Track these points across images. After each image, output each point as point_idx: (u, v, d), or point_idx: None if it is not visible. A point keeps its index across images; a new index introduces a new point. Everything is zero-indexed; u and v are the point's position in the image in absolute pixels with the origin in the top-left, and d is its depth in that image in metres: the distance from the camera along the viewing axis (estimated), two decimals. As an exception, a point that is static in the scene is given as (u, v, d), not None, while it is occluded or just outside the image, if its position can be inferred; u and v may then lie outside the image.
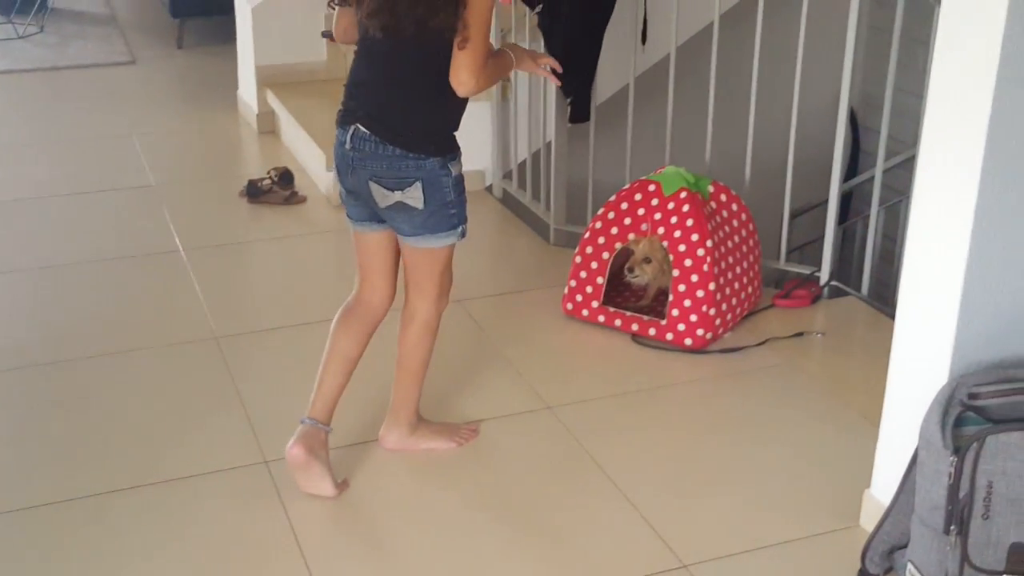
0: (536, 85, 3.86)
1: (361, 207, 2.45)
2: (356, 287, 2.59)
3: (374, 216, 2.44)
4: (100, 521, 2.39)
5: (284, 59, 4.74)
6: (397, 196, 2.36)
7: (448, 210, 2.40)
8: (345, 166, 2.42)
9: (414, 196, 2.35)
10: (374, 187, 2.37)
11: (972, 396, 2.02)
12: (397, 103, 2.37)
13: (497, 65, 2.38)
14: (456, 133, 2.44)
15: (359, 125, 2.36)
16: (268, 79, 4.74)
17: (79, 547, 2.31)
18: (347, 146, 2.39)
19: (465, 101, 2.38)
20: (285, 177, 4.08)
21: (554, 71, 2.53)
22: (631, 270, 3.10)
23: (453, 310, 3.24)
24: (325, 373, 2.52)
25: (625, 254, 3.13)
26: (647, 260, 3.08)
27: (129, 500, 2.45)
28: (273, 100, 4.67)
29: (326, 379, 2.51)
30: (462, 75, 2.22)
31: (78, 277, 3.48)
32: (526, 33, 3.81)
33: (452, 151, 2.41)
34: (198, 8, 5.85)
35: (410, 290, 2.52)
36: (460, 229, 2.45)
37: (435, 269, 2.48)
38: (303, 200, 4.06)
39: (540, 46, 3.59)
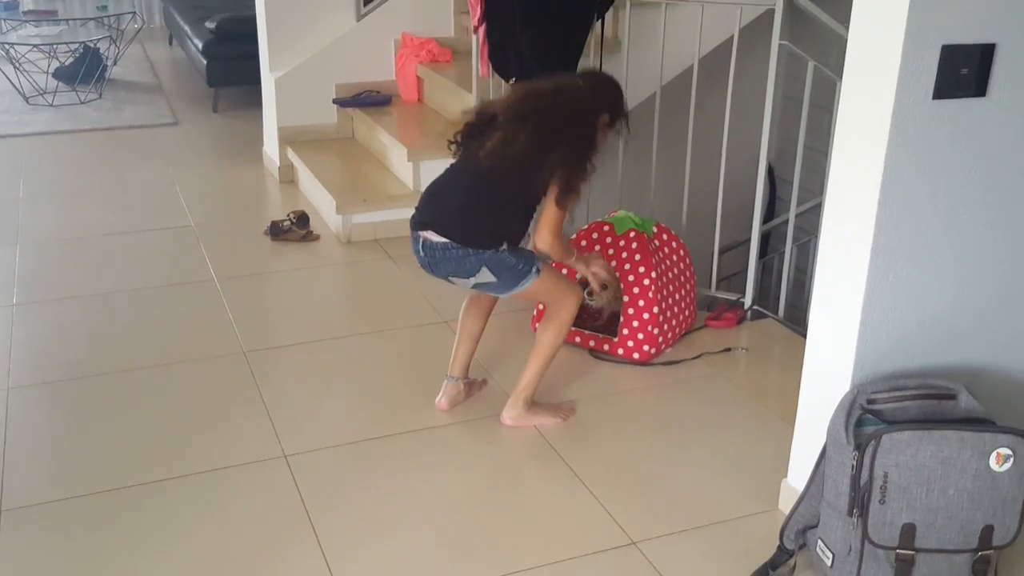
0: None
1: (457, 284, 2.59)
2: None
3: None
4: (146, 505, 2.36)
5: (301, 121, 4.74)
6: (473, 281, 2.49)
7: (516, 268, 2.48)
8: (424, 266, 2.57)
9: (486, 276, 2.46)
10: (455, 279, 2.52)
11: (870, 401, 2.03)
12: (470, 217, 2.47)
13: (564, 249, 2.58)
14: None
15: (428, 235, 2.49)
16: (288, 137, 4.74)
17: (129, 526, 2.29)
18: (421, 254, 2.54)
19: (520, 232, 2.53)
20: (302, 219, 4.07)
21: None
22: (590, 295, 3.09)
23: (442, 330, 3.26)
24: (458, 345, 2.77)
25: (584, 282, 3.12)
26: (604, 287, 3.07)
27: (170, 488, 2.43)
28: (292, 155, 4.66)
29: (459, 349, 2.77)
30: (543, 232, 2.45)
31: (128, 302, 3.46)
32: (502, 101, 3.81)
33: (500, 243, 2.46)
34: (230, 79, 5.86)
35: (547, 303, 2.66)
36: (533, 269, 2.50)
37: (546, 293, 2.60)
38: (317, 238, 4.05)
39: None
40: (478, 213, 2.49)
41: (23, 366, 3.00)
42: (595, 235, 3.11)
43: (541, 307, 3.17)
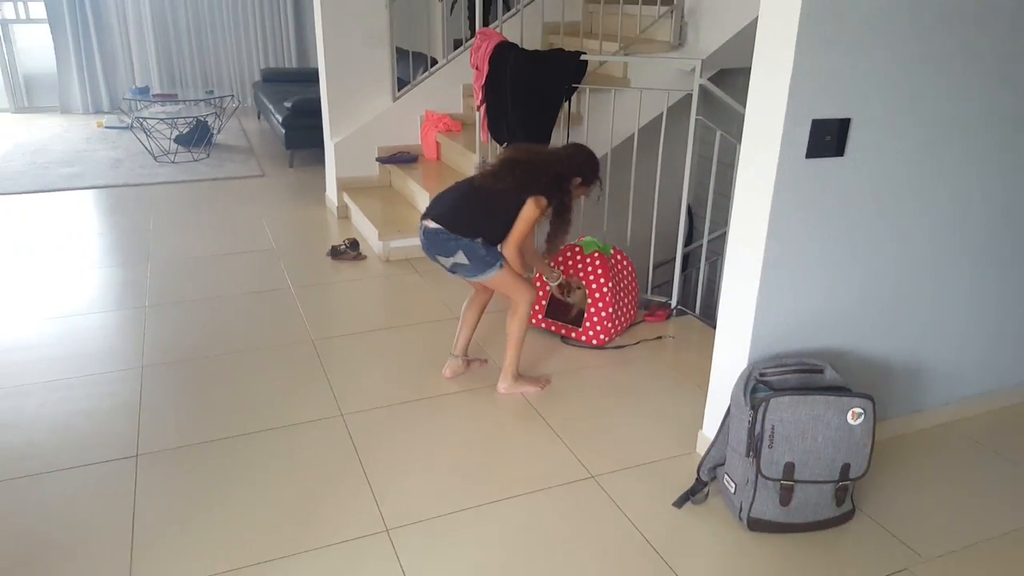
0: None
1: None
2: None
3: None
4: (241, 450, 2.34)
5: (353, 173, 4.72)
6: (451, 260, 2.41)
7: (484, 259, 2.40)
8: (424, 249, 2.47)
9: (461, 258, 2.39)
10: (440, 259, 2.43)
11: (762, 375, 2.02)
12: (458, 213, 2.40)
13: (521, 262, 2.45)
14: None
15: (428, 223, 2.41)
16: (344, 185, 4.71)
17: (229, 466, 2.27)
18: (422, 238, 2.45)
19: (494, 238, 2.41)
20: (354, 244, 4.05)
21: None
22: (568, 294, 3.10)
23: (452, 324, 3.24)
24: (460, 331, 2.75)
25: (564, 286, 3.12)
26: (576, 289, 3.09)
27: (258, 438, 2.41)
28: (347, 198, 4.64)
29: (460, 334, 2.75)
30: (508, 243, 2.36)
31: (226, 304, 3.44)
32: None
33: (478, 238, 2.40)
34: (302, 143, 5.83)
35: (507, 295, 2.52)
36: (498, 263, 2.42)
37: (507, 285, 2.47)
38: (365, 258, 4.03)
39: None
40: (465, 212, 2.42)
41: (153, 350, 2.97)
42: (568, 253, 3.10)
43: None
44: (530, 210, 2.37)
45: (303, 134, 5.73)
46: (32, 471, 2.24)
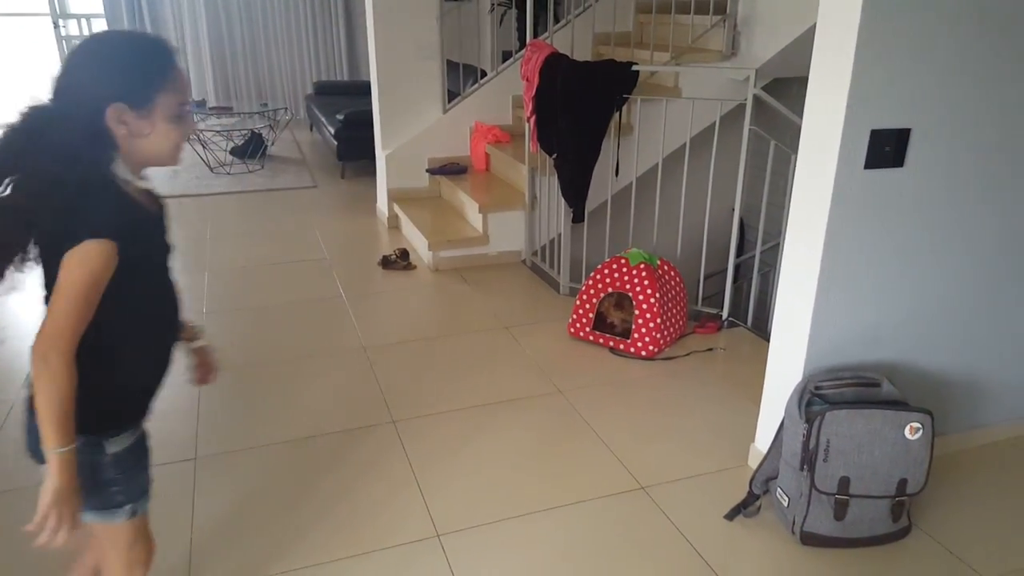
0: (552, 200, 3.89)
1: None
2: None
3: None
4: (296, 454, 2.41)
5: (403, 184, 4.80)
6: (45, 470, 1.20)
7: (108, 488, 1.31)
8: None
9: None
10: (31, 461, 1.27)
11: (817, 388, 2.01)
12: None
13: (56, 398, 1.15)
14: (143, 401, 1.39)
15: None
16: (394, 196, 4.80)
17: (284, 470, 2.33)
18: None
19: (134, 366, 1.31)
20: (404, 254, 4.11)
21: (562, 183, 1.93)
22: (614, 325, 3.08)
23: (502, 333, 3.28)
24: None
25: (605, 300, 3.14)
26: (618, 306, 3.10)
27: (311, 443, 2.48)
28: (397, 208, 4.72)
29: None
30: (38, 341, 1.15)
31: (280, 312, 3.52)
32: (547, 171, 3.85)
33: (108, 428, 1.29)
34: (354, 154, 5.95)
35: (101, 560, 1.45)
36: (128, 508, 1.34)
37: (114, 548, 1.37)
38: (414, 268, 4.09)
39: (555, 179, 3.62)
40: None
41: (210, 356, 3.07)
42: (615, 265, 3.11)
43: (576, 314, 3.19)
44: (76, 268, 1.15)
45: (355, 146, 5.84)
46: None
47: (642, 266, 3.04)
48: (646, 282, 3.01)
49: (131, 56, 1.22)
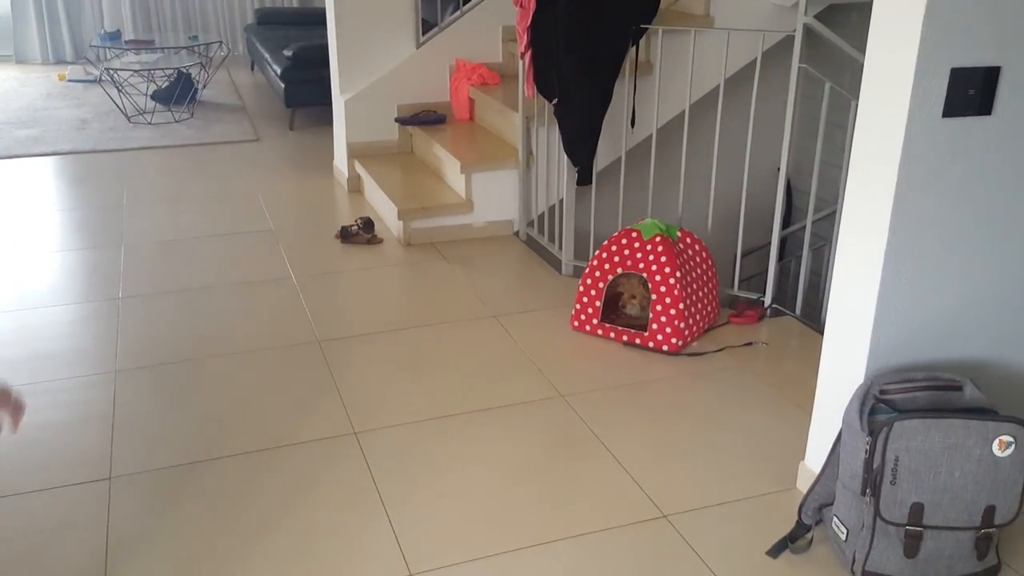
0: (553, 158, 3.86)
1: None
2: None
3: None
4: (234, 473, 2.39)
5: (367, 138, 4.77)
6: None
7: None
8: None
9: None
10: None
11: (882, 392, 2.00)
12: None
13: None
14: None
15: None
16: (356, 152, 4.77)
17: (219, 492, 2.31)
18: None
19: None
20: (368, 225, 4.09)
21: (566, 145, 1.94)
22: (624, 305, 3.11)
23: (490, 323, 3.26)
24: None
25: (616, 284, 3.12)
26: (632, 297, 3.09)
27: (253, 459, 2.46)
28: (359, 167, 4.69)
29: None
30: None
31: (217, 296, 3.50)
32: (545, 120, 3.81)
33: None
34: (305, 100, 5.91)
35: None
36: None
37: None
38: (380, 241, 4.08)
39: (556, 130, 3.59)
40: None
41: (128, 352, 3.05)
42: (624, 240, 3.09)
43: (580, 304, 3.17)
44: None
45: (306, 89, 5.80)
46: (-15, 495, 2.31)
47: (658, 239, 3.02)
48: (663, 259, 2.99)
49: None
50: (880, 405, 1.98)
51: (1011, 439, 1.89)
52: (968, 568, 1.98)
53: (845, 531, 2.02)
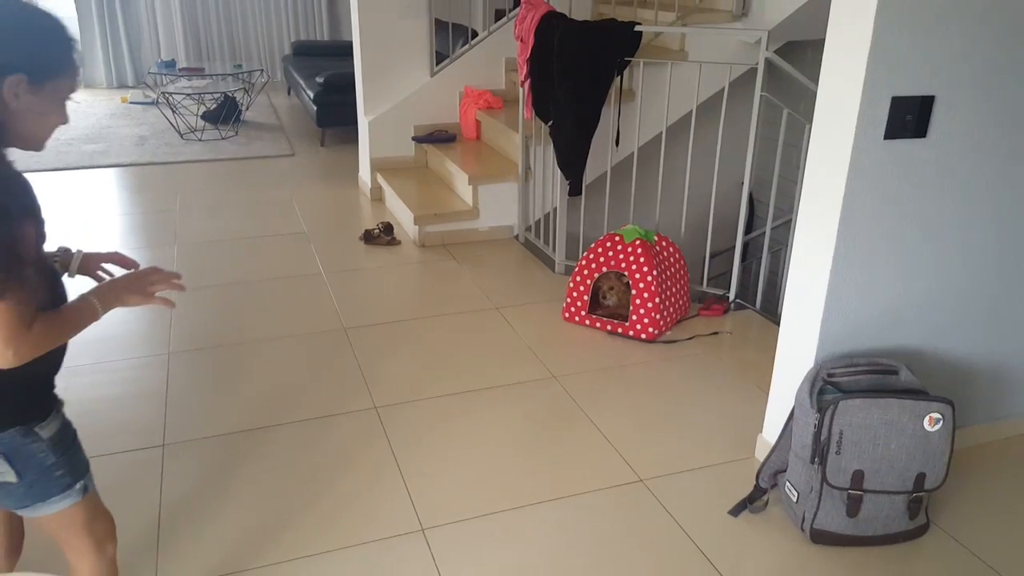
0: (548, 172, 3.85)
1: None
2: None
3: None
4: (270, 440, 2.39)
5: (388, 153, 4.76)
6: None
7: (53, 473, 1.35)
8: None
9: (2, 471, 1.32)
10: None
11: (830, 375, 2.00)
12: None
13: (62, 323, 1.28)
14: (54, 380, 1.39)
15: None
16: (378, 166, 4.75)
17: (257, 457, 2.31)
18: None
19: (41, 362, 1.26)
20: (388, 228, 4.08)
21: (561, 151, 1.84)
22: (604, 297, 3.11)
23: (493, 314, 3.26)
24: None
25: (600, 280, 3.12)
26: (611, 288, 3.09)
27: (286, 429, 2.46)
28: (381, 179, 4.68)
29: None
30: None
31: (258, 289, 3.50)
32: (542, 140, 3.81)
33: (36, 414, 1.33)
34: (335, 120, 5.90)
35: (64, 552, 1.46)
36: (79, 486, 1.39)
37: (75, 531, 1.42)
38: (399, 243, 4.07)
39: (551, 148, 3.59)
40: None
41: (180, 337, 3.05)
42: (608, 243, 3.09)
43: (570, 298, 3.16)
44: None
45: (336, 111, 5.79)
46: None
47: (638, 243, 3.02)
48: (642, 259, 2.99)
49: (41, 30, 1.23)
50: (828, 386, 1.98)
51: (939, 416, 1.89)
52: (901, 526, 1.99)
53: (796, 494, 2.03)
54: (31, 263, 1.20)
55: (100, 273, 1.52)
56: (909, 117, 1.90)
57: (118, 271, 1.49)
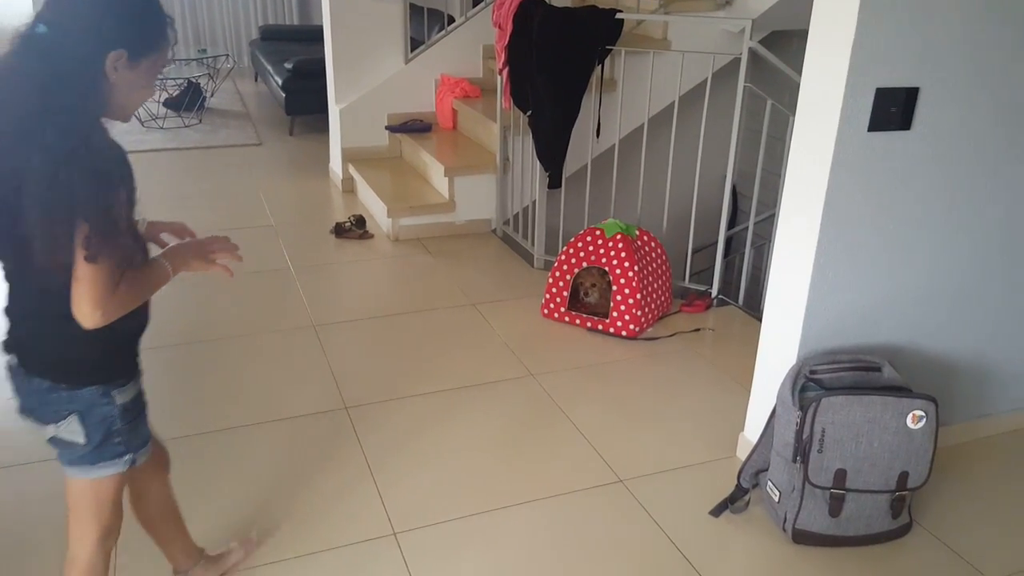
0: (527, 163, 3.87)
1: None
2: None
3: None
4: (235, 443, 2.39)
5: (360, 143, 4.74)
6: (51, 431, 1.44)
7: (112, 440, 1.46)
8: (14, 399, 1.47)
9: (71, 430, 1.43)
10: (29, 422, 1.47)
11: (812, 372, 2.03)
12: (35, 331, 1.41)
13: (141, 284, 1.40)
14: (137, 347, 1.52)
15: (13, 355, 1.44)
16: (349, 156, 4.74)
17: (220, 460, 2.31)
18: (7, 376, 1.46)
19: (131, 315, 1.39)
20: (360, 221, 4.08)
21: (541, 149, 1.97)
22: (586, 294, 3.13)
23: (469, 311, 3.27)
24: (162, 543, 1.82)
25: (580, 276, 3.14)
26: (593, 286, 3.11)
27: (253, 431, 2.45)
28: (352, 170, 4.67)
29: (166, 544, 1.82)
30: (84, 307, 1.29)
31: (219, 285, 3.46)
32: (520, 130, 3.82)
33: (117, 377, 1.46)
34: (304, 108, 5.87)
35: (71, 528, 1.52)
36: (127, 458, 1.50)
37: (100, 502, 1.51)
38: (371, 237, 4.06)
39: (530, 139, 3.60)
40: (44, 331, 1.41)
41: (140, 333, 3.02)
42: (589, 238, 3.11)
43: (549, 294, 3.18)
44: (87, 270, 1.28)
45: (305, 98, 5.75)
46: (4, 463, 2.29)
47: (619, 237, 3.04)
48: (623, 254, 3.01)
49: (140, 7, 1.33)
50: (810, 383, 2.01)
51: (923, 413, 1.93)
52: (884, 526, 2.02)
53: (778, 493, 2.06)
54: (125, 228, 1.32)
55: (163, 238, 1.64)
56: (894, 109, 1.93)
57: (173, 241, 1.61)
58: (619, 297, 3.03)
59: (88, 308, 1.29)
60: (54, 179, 1.22)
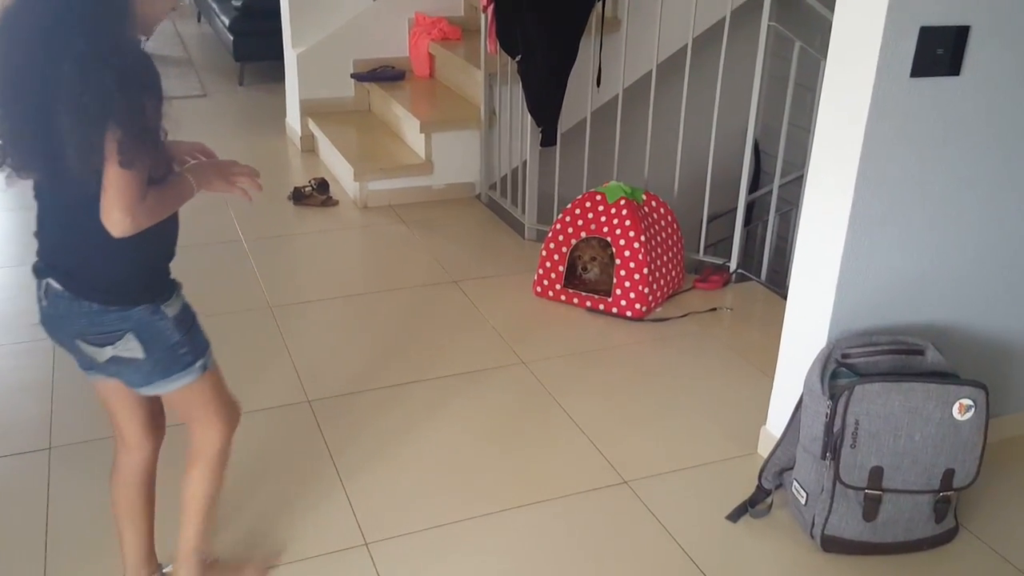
0: (516, 117, 3.86)
1: (83, 358, 1.69)
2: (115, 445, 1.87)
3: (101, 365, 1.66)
4: (173, 444, 2.38)
5: (321, 94, 4.72)
6: (110, 352, 1.62)
7: (177, 351, 1.66)
8: (47, 323, 1.69)
9: (129, 348, 1.61)
10: (83, 346, 1.64)
11: (844, 356, 2.04)
12: (77, 254, 1.59)
13: (168, 196, 1.55)
14: (169, 265, 1.69)
15: (50, 280, 1.62)
16: (309, 109, 4.72)
17: (165, 463, 2.31)
18: (43, 303, 1.66)
19: (166, 235, 1.63)
20: (322, 186, 4.07)
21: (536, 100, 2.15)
22: (585, 269, 3.13)
23: (451, 289, 3.27)
24: (124, 539, 1.90)
25: (578, 248, 3.14)
26: (593, 259, 3.12)
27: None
28: (313, 126, 4.65)
29: (126, 545, 1.90)
30: (114, 214, 1.43)
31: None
32: (508, 78, 3.81)
33: (161, 293, 1.64)
34: (255, 54, 5.83)
35: (189, 425, 1.78)
36: (199, 364, 1.70)
37: (199, 404, 1.74)
38: (336, 203, 4.06)
39: (519, 88, 3.59)
40: (87, 252, 1.58)
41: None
42: (588, 203, 3.11)
43: (543, 269, 3.18)
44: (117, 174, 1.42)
45: (257, 42, 5.72)
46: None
47: (623, 202, 3.04)
48: (628, 223, 3.01)
49: None
50: (842, 369, 2.03)
51: (971, 402, 1.95)
52: (926, 531, 2.05)
53: (805, 495, 2.08)
54: (156, 136, 1.47)
55: (186, 158, 1.77)
56: (940, 51, 1.93)
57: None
58: (623, 272, 3.04)
59: (119, 214, 1.43)
60: (86, 84, 1.36)
